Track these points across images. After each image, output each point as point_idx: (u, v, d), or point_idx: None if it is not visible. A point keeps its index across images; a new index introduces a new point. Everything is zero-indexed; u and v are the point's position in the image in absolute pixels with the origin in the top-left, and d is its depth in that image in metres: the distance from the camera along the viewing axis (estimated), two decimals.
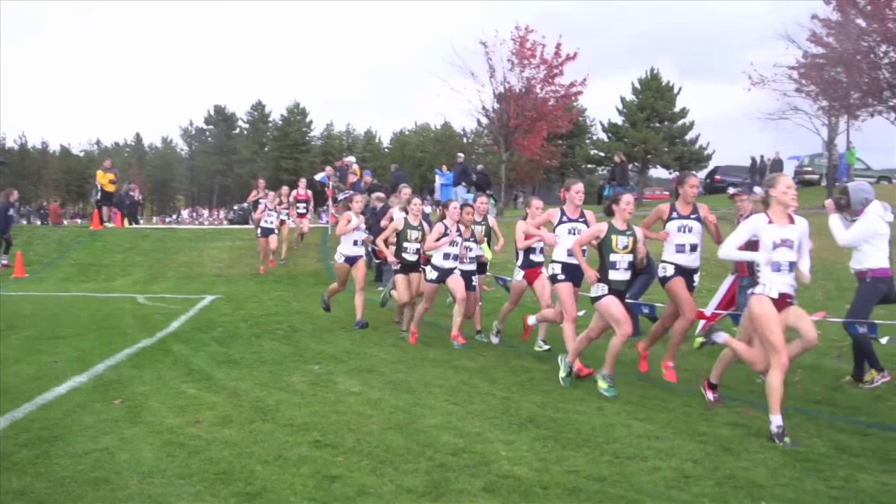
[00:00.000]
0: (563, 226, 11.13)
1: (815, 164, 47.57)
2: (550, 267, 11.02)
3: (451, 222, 12.78)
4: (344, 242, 14.48)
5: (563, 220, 11.18)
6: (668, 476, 6.60)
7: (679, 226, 10.16)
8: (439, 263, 12.75)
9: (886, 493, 6.30)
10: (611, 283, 9.59)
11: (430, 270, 12.76)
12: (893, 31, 32.17)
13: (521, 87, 40.36)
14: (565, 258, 10.88)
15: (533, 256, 12.58)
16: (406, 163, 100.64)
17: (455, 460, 6.81)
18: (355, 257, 14.49)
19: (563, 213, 11.27)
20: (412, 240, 13.42)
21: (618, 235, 9.64)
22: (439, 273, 12.74)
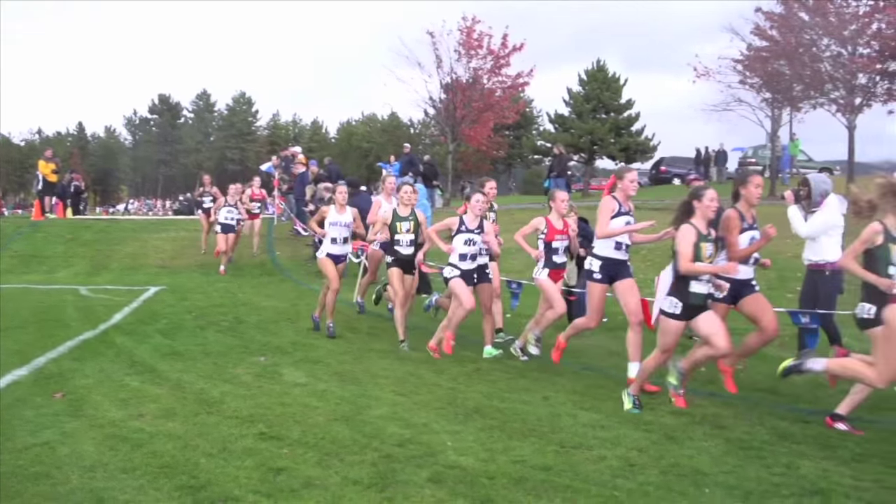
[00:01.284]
0: (619, 218, 9.84)
1: (759, 155, 48.10)
2: (588, 261, 10.08)
3: (473, 217, 11.27)
4: (325, 240, 13.12)
5: (622, 211, 9.86)
6: (614, 465, 6.66)
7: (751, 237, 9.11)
8: (457, 263, 11.29)
9: (826, 479, 6.42)
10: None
11: (449, 270, 11.29)
12: (835, 24, 32.61)
13: (468, 77, 40.40)
14: (612, 252, 9.92)
15: (556, 258, 11.14)
16: (352, 153, 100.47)
17: (401, 451, 6.82)
18: (339, 256, 13.12)
19: (619, 203, 9.94)
20: (403, 231, 12.12)
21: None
22: (462, 273, 11.26)
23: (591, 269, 9.96)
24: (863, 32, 32.81)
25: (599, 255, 9.94)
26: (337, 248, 13.04)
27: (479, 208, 11.18)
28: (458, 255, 11.20)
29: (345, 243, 13.17)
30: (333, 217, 12.98)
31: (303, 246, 24.86)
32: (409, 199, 12.22)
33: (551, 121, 67.79)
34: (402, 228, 12.13)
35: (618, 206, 9.82)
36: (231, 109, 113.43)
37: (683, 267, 8.09)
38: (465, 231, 11.14)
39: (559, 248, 11.07)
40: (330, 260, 12.97)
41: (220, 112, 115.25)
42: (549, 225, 10.99)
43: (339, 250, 13.09)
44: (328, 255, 12.98)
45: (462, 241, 11.13)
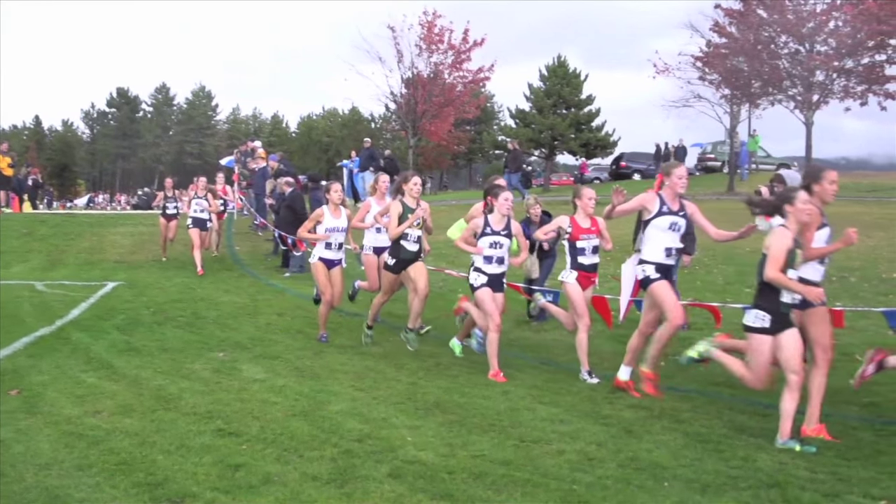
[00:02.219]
0: (663, 218, 9.08)
1: (718, 151, 48.62)
2: (641, 269, 9.15)
3: (499, 217, 10.24)
4: (318, 245, 12.08)
5: (664, 210, 9.09)
6: (573, 459, 6.70)
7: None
8: (484, 267, 10.30)
9: (783, 471, 6.51)
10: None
11: (476, 276, 10.29)
12: (793, 22, 33.00)
13: (429, 72, 40.34)
14: (661, 257, 9.09)
15: (582, 258, 10.16)
16: (313, 148, 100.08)
17: (360, 446, 6.81)
18: (332, 261, 12.03)
19: (663, 201, 9.16)
20: (413, 226, 11.11)
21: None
22: (489, 279, 10.28)
23: (648, 275, 9.03)
24: (820, 30, 33.28)
25: (651, 260, 9.10)
26: (331, 253, 12.01)
27: (506, 207, 10.23)
28: (484, 258, 10.23)
29: (339, 248, 12.12)
30: (329, 221, 11.89)
31: (263, 241, 24.74)
32: (417, 193, 11.31)
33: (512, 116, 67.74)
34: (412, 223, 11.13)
35: (659, 204, 9.07)
36: (190, 103, 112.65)
37: (773, 275, 7.23)
38: (490, 233, 10.21)
39: (586, 248, 10.12)
40: (322, 265, 11.96)
41: (180, 106, 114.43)
42: (574, 223, 10.16)
43: (334, 255, 12.04)
44: (321, 259, 11.99)
45: (487, 243, 10.18)
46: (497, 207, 10.22)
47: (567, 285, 10.19)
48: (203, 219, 20.63)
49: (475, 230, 10.33)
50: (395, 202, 11.17)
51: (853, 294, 13.32)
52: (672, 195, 9.13)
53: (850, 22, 32.20)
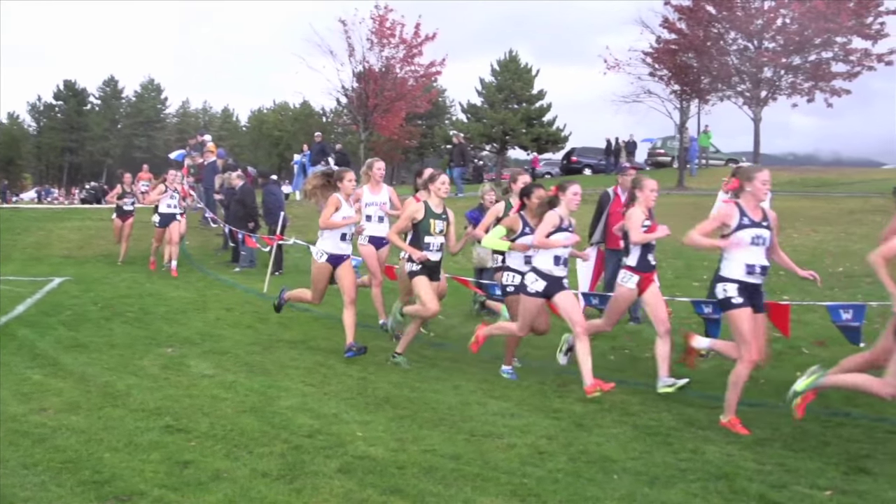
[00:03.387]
0: (745, 231, 7.81)
1: (668, 146, 49.02)
2: (721, 288, 7.85)
3: (566, 212, 9.24)
4: (328, 236, 10.64)
5: (744, 222, 7.82)
6: (523, 452, 6.73)
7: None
8: (547, 269, 9.13)
9: (731, 463, 6.59)
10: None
11: (533, 280, 9.14)
12: (742, 19, 33.34)
13: (381, 66, 40.21)
14: (743, 275, 7.79)
15: (651, 256, 9.19)
16: (264, 142, 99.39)
17: (310, 442, 6.78)
18: (341, 256, 10.66)
19: (743, 212, 7.89)
20: (436, 232, 9.88)
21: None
22: (548, 283, 9.12)
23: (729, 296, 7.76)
24: (768, 27, 33.66)
25: (730, 277, 7.84)
26: (344, 245, 10.67)
27: (575, 203, 9.24)
28: (553, 256, 9.13)
29: (349, 240, 10.82)
30: (346, 210, 10.63)
31: (213, 235, 24.55)
32: (445, 193, 10.05)
33: (463, 110, 68.03)
34: (436, 228, 9.91)
35: (739, 215, 7.82)
36: (139, 96, 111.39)
37: None
38: (528, 233, 9.44)
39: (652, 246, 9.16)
40: (326, 268, 10.62)
41: (128, 99, 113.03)
42: None
43: (346, 247, 10.71)
44: (329, 257, 10.58)
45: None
46: (565, 201, 9.19)
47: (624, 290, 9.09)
48: (173, 214, 19.07)
49: (513, 228, 9.61)
50: (418, 204, 10.06)
51: (800, 288, 13.50)
52: (754, 204, 7.92)
53: (797, 19, 32.61)
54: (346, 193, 10.64)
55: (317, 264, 10.66)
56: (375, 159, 11.93)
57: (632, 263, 9.09)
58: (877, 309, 9.19)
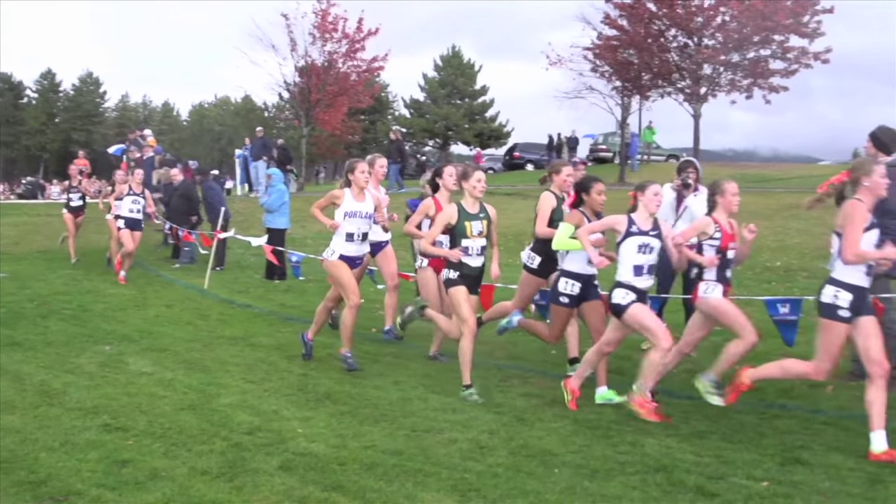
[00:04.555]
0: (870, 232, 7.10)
1: (609, 142, 49.41)
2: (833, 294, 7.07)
3: (646, 216, 7.99)
4: (335, 236, 9.72)
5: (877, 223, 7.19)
6: (464, 447, 6.74)
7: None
8: (629, 280, 7.95)
9: (669, 455, 6.66)
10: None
11: (622, 294, 7.92)
12: (682, 16, 33.74)
13: (323, 61, 40.01)
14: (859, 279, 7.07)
15: (728, 271, 8.11)
16: (205, 136, 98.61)
17: (251, 439, 6.74)
18: (353, 259, 9.76)
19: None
20: (473, 234, 8.64)
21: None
22: (638, 295, 7.94)
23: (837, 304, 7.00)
24: (708, 24, 34.06)
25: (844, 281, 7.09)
26: (354, 247, 9.68)
27: (655, 203, 8.01)
28: (633, 266, 7.97)
29: (363, 240, 9.83)
30: (350, 204, 9.61)
31: (151, 231, 24.24)
32: (482, 192, 8.81)
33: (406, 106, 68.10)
34: (473, 230, 8.66)
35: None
36: (77, 90, 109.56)
37: None
38: (637, 233, 8.02)
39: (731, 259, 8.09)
40: (344, 264, 9.65)
41: (66, 92, 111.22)
42: (722, 228, 8.00)
43: (358, 249, 9.77)
44: (342, 257, 9.66)
45: (636, 246, 7.99)
46: (644, 203, 7.98)
47: (714, 302, 7.94)
48: (138, 219, 17.21)
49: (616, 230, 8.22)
50: (451, 206, 8.80)
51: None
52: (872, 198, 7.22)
53: (736, 17, 33.08)
54: (359, 186, 9.61)
55: (328, 262, 9.69)
56: (472, 166, 9.50)
57: (711, 277, 8.00)
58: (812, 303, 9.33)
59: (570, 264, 8.61)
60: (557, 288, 8.60)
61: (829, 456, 6.76)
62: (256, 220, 21.00)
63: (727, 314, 7.90)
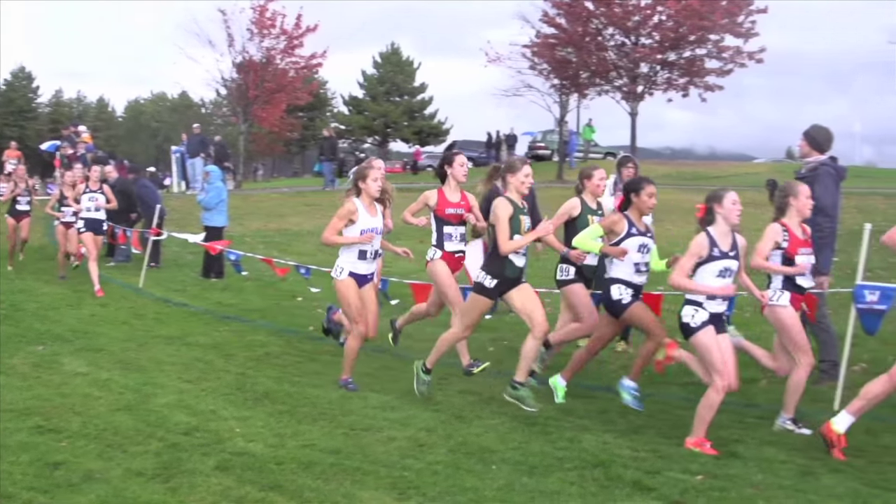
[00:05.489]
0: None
1: (548, 140, 49.68)
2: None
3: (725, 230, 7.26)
4: (345, 252, 8.69)
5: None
6: (403, 445, 6.74)
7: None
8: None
9: (607, 450, 6.73)
10: None
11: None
12: (619, 15, 34.04)
13: (261, 57, 39.72)
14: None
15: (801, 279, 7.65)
16: (141, 133, 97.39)
17: (187, 440, 6.68)
18: (364, 277, 8.73)
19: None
20: (525, 232, 8.00)
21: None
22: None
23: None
24: (645, 23, 34.41)
25: None
26: (365, 265, 8.69)
27: (736, 213, 7.23)
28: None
29: (375, 258, 8.88)
30: (366, 221, 8.55)
31: None
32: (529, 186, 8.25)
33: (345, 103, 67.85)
34: (524, 227, 8.00)
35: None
36: (9, 85, 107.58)
37: None
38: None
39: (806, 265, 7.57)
40: (353, 283, 8.64)
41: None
42: (791, 232, 7.57)
43: (368, 267, 8.76)
44: (352, 274, 8.65)
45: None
46: (725, 216, 7.20)
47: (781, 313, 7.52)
48: (99, 219, 15.60)
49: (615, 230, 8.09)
50: (502, 200, 7.98)
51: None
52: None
53: (673, 17, 33.47)
54: (371, 196, 8.61)
55: (337, 282, 8.68)
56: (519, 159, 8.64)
57: (777, 286, 7.62)
58: (747, 298, 9.44)
59: (618, 272, 8.05)
60: (612, 297, 8.00)
61: (762, 449, 6.90)
62: (194, 217, 20.81)
63: (790, 330, 7.50)
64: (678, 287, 7.21)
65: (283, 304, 14.17)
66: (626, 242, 7.94)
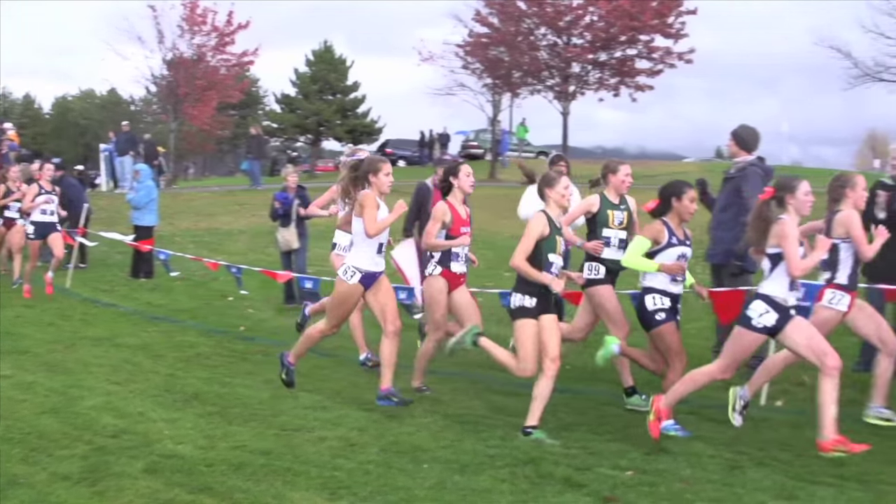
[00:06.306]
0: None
1: (481, 138, 49.85)
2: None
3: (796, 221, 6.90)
4: (362, 248, 8.00)
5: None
6: (334, 445, 6.70)
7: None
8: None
9: (538, 448, 6.74)
10: None
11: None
12: (551, 14, 34.31)
13: (192, 54, 39.32)
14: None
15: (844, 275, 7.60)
16: (69, 130, 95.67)
17: (115, 442, 6.55)
18: (375, 275, 8.06)
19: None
20: (560, 251, 7.37)
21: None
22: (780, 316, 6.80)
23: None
24: (577, 23, 34.74)
25: None
26: (379, 260, 8.08)
27: (808, 205, 6.92)
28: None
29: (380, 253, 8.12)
30: (384, 212, 7.99)
31: None
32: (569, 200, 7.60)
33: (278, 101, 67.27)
34: (560, 246, 7.34)
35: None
36: None
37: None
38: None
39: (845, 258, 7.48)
40: (360, 290, 8.03)
41: None
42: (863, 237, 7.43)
43: (380, 263, 8.12)
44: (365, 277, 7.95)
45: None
46: (797, 207, 6.86)
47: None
48: (52, 223, 14.55)
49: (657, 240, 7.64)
50: (541, 215, 7.27)
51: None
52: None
53: (604, 17, 33.85)
54: (380, 192, 7.96)
55: (345, 285, 8.01)
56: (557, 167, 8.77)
57: (843, 281, 7.54)
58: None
59: (653, 280, 7.68)
60: (647, 308, 7.63)
61: (690, 444, 6.98)
62: (123, 216, 20.51)
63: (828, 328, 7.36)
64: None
65: (213, 303, 14.05)
66: (666, 253, 7.58)
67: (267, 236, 12.49)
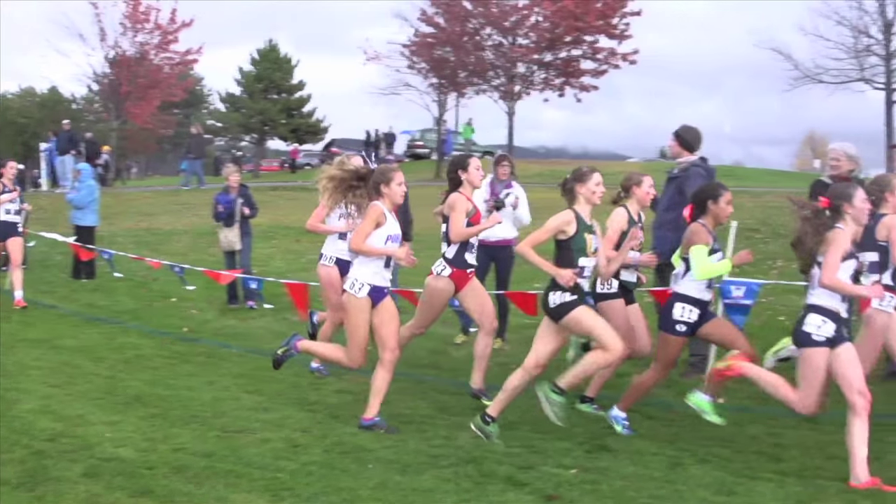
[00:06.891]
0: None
1: (426, 138, 49.92)
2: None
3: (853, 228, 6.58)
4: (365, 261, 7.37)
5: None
6: (278, 447, 6.69)
7: None
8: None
9: (481, 447, 6.80)
10: None
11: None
12: (497, 15, 34.47)
13: (135, 52, 38.91)
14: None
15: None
16: (7, 129, 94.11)
17: (53, 446, 6.47)
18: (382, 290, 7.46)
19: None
20: (592, 252, 7.14)
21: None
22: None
23: None
24: (522, 24, 34.93)
25: None
26: (387, 275, 7.54)
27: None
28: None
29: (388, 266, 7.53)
30: (392, 227, 7.47)
31: None
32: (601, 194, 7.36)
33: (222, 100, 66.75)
34: (591, 247, 7.13)
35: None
36: None
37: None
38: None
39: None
40: (369, 305, 7.34)
41: None
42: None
43: (388, 278, 7.59)
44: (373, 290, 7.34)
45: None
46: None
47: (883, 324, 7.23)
48: (14, 223, 13.58)
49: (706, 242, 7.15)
50: (567, 213, 7.12)
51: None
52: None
53: (549, 18, 34.05)
54: (394, 204, 7.50)
55: (351, 299, 7.33)
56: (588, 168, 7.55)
57: (889, 281, 7.26)
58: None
59: (686, 287, 7.18)
60: (672, 315, 7.16)
61: (632, 442, 7.06)
62: (63, 216, 20.20)
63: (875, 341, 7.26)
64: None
65: (155, 304, 13.88)
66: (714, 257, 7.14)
67: (209, 236, 12.39)
